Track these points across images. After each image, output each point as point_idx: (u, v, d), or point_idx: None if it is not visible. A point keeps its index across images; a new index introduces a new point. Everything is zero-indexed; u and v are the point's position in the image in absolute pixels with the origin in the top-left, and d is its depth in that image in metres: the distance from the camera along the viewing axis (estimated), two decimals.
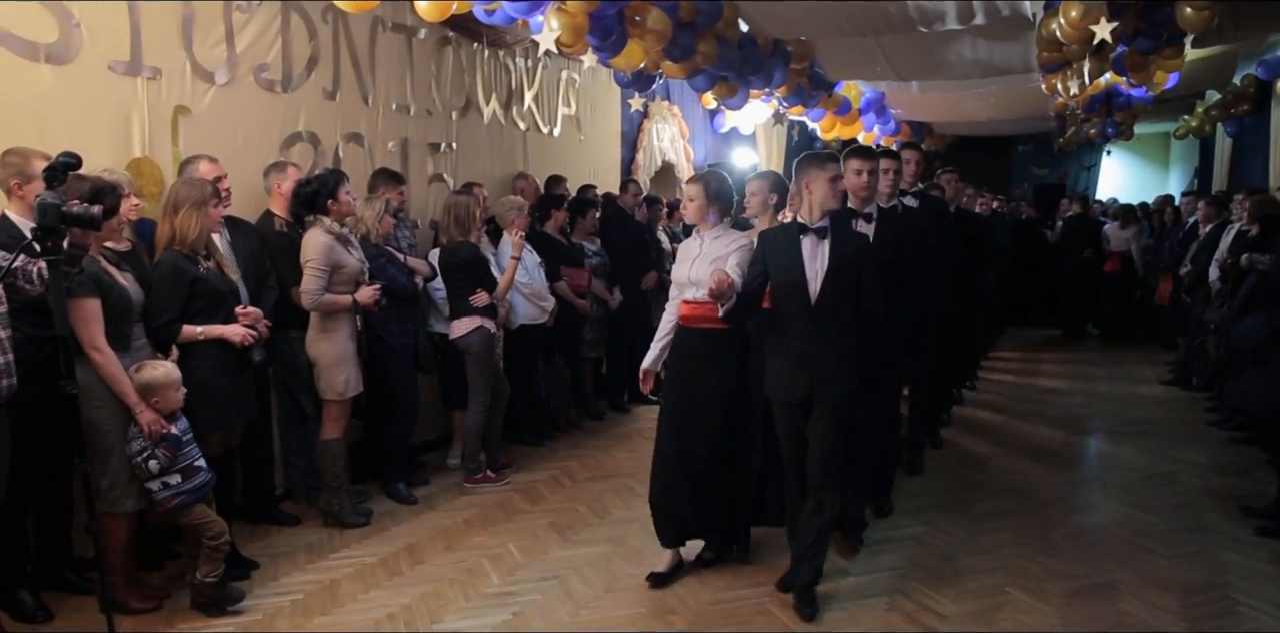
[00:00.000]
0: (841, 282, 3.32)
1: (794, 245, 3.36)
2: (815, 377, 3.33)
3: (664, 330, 3.80)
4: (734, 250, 3.55)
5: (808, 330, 3.33)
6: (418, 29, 5.47)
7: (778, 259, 3.39)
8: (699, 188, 3.66)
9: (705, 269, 3.49)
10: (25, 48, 3.49)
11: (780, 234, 3.45)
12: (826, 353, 3.33)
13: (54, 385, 2.74)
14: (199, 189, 3.49)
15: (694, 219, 3.70)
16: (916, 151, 4.95)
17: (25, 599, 3.27)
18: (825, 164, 3.41)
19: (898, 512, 4.45)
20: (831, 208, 3.40)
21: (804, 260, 3.33)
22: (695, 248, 3.68)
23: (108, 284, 3.17)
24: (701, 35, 5.36)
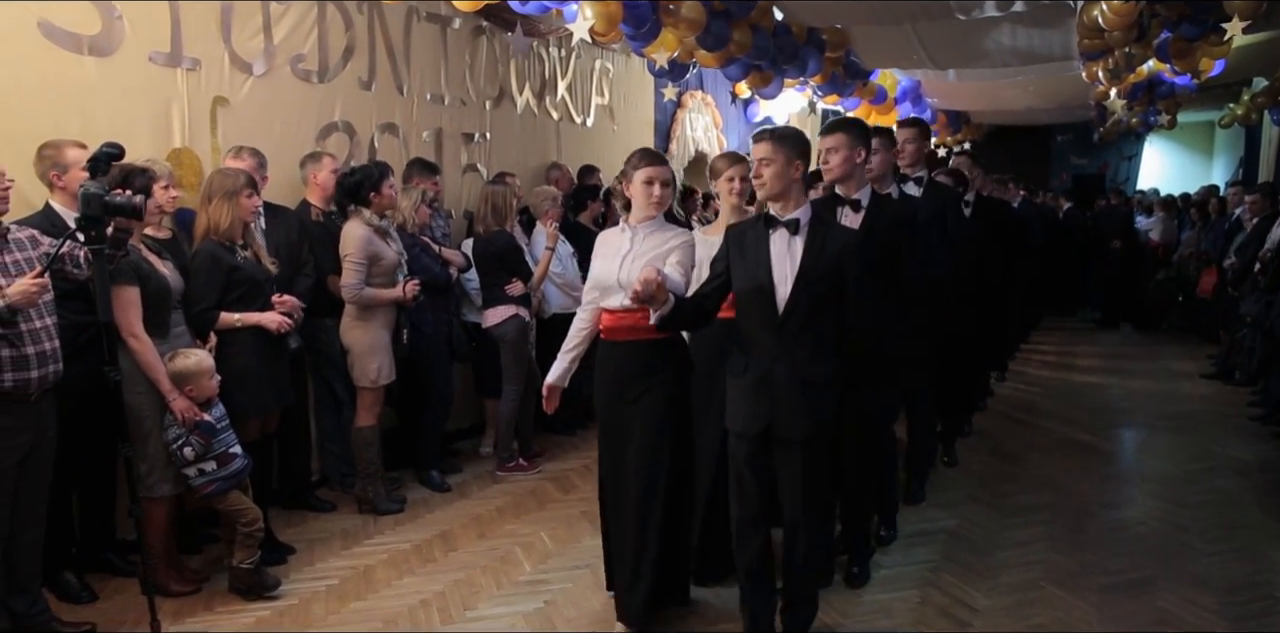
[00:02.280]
0: (815, 289, 2.72)
1: (762, 242, 2.79)
2: (776, 406, 2.75)
3: (574, 340, 3.21)
4: (674, 247, 3.01)
5: (772, 348, 2.75)
6: (452, 19, 5.48)
7: (742, 258, 2.82)
8: (669, 169, 3.13)
9: (639, 270, 2.81)
10: (69, 40, 3.54)
11: (748, 228, 2.88)
12: (792, 378, 2.73)
13: (94, 371, 2.80)
14: (231, 179, 3.52)
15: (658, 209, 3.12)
16: (915, 129, 4.30)
17: (70, 580, 3.35)
18: None
19: (930, 505, 4.42)
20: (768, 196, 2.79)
21: (771, 260, 2.76)
22: (623, 242, 3.07)
23: (147, 272, 3.22)
24: (735, 24, 5.33)
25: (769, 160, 2.75)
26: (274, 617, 3.28)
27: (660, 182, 3.04)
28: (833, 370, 2.77)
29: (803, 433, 2.75)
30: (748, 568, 2.93)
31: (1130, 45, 5.57)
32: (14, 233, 2.86)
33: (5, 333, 2.70)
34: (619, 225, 3.15)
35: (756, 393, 2.78)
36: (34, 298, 2.71)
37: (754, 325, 2.81)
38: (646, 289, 2.52)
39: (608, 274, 3.04)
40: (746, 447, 2.84)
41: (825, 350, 2.76)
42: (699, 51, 5.44)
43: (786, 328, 2.74)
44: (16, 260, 2.80)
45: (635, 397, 3.01)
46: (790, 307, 2.73)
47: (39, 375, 2.78)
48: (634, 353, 3.02)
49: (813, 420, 2.75)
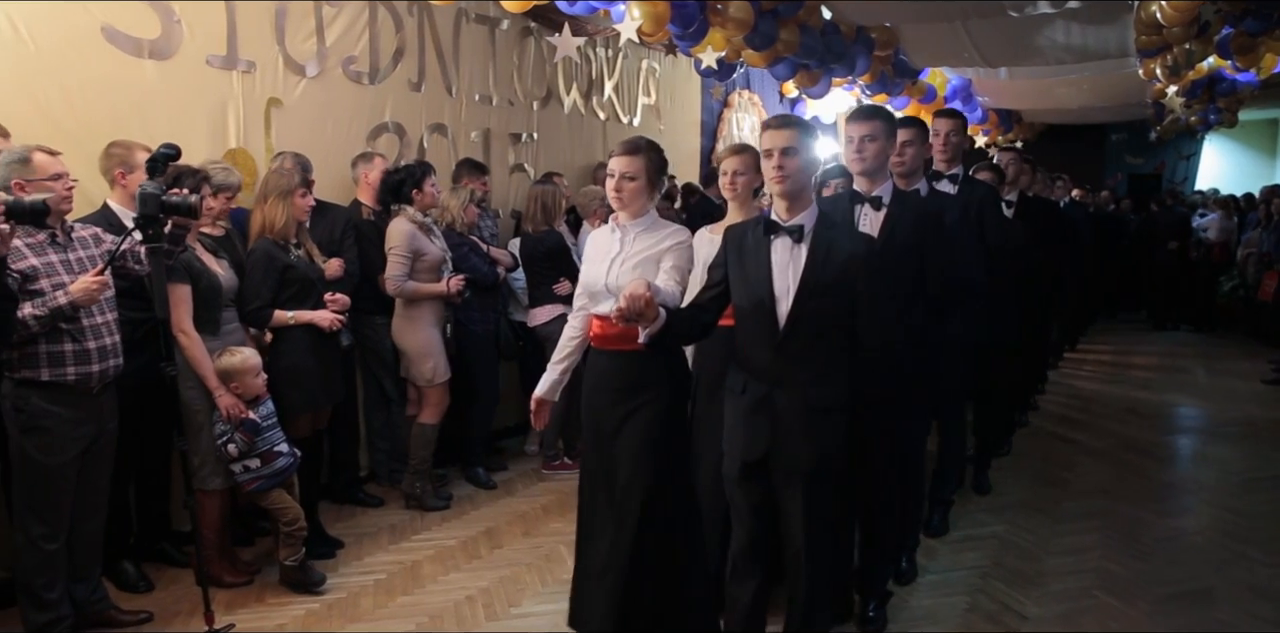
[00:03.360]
0: (820, 303, 2.42)
1: (762, 249, 2.49)
2: (776, 433, 2.46)
3: (565, 350, 2.93)
4: (668, 248, 2.69)
5: (772, 368, 2.46)
6: (500, 20, 5.53)
7: (743, 265, 2.52)
8: (641, 162, 2.70)
9: (630, 273, 2.66)
10: (130, 44, 3.63)
11: (749, 230, 2.56)
12: (795, 402, 2.44)
13: (150, 366, 2.87)
14: (286, 178, 3.59)
15: (628, 204, 2.74)
16: (952, 121, 3.85)
17: (128, 570, 3.44)
18: (761, 133, 2.50)
19: (979, 509, 4.35)
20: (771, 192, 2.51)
21: (773, 270, 2.46)
22: (612, 244, 2.78)
23: (198, 270, 3.30)
24: (783, 23, 5.30)
25: (795, 150, 2.43)
26: (323, 609, 3.33)
27: (620, 174, 2.69)
28: (841, 394, 2.46)
29: (805, 464, 2.44)
30: (740, 607, 2.62)
31: (1190, 41, 5.43)
32: (78, 231, 2.95)
33: (68, 328, 2.78)
34: (609, 224, 2.85)
35: (754, 417, 2.50)
36: (95, 295, 2.79)
37: (752, 342, 2.52)
38: (633, 306, 2.21)
39: (596, 278, 2.77)
40: (741, 475, 2.56)
41: (833, 372, 2.45)
42: (746, 51, 5.41)
43: (788, 346, 2.44)
44: (80, 258, 2.89)
45: (623, 415, 2.69)
46: (792, 323, 2.43)
47: (100, 369, 2.86)
48: (624, 366, 2.70)
49: (817, 450, 2.44)
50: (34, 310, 2.69)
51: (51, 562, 2.85)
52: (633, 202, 2.72)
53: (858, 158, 3.04)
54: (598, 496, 2.79)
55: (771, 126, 2.47)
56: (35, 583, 2.83)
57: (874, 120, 2.99)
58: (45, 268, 2.77)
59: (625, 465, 2.69)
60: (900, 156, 3.29)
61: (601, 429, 2.76)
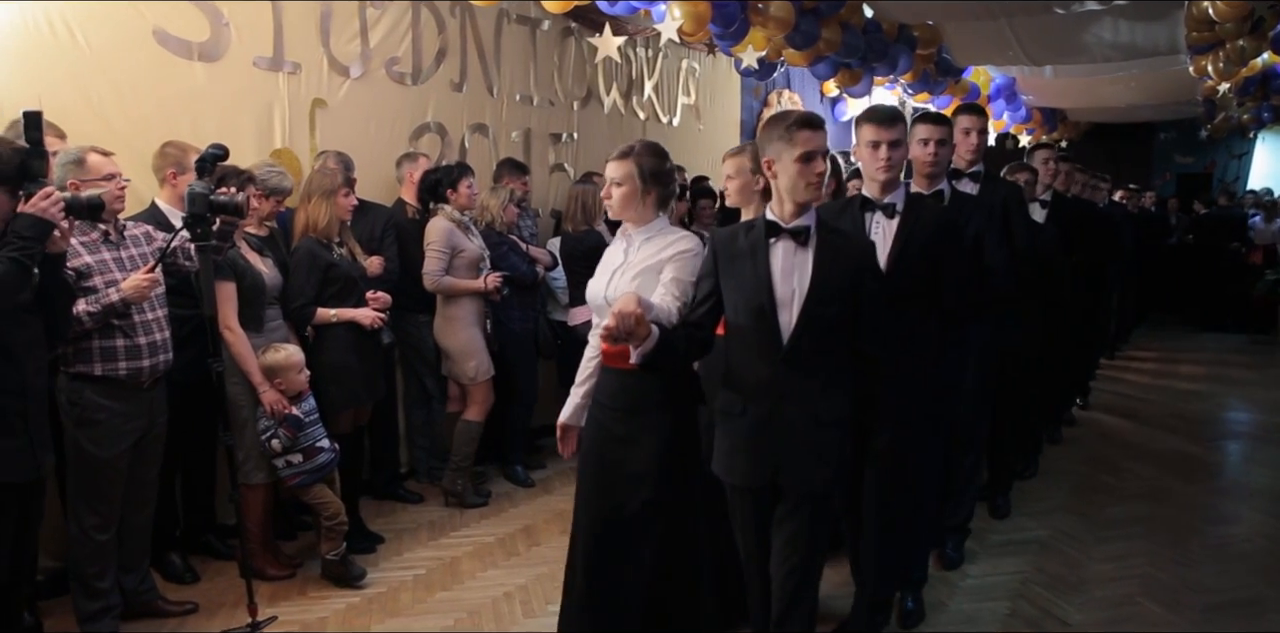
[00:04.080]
0: (828, 311, 2.28)
1: (760, 253, 2.32)
2: (783, 454, 2.31)
3: (585, 372, 2.71)
4: (671, 257, 2.49)
5: (776, 383, 2.29)
6: (541, 21, 5.56)
7: (736, 272, 2.34)
8: (628, 166, 2.52)
9: (629, 285, 2.47)
10: (181, 47, 3.71)
11: (740, 234, 2.39)
12: (803, 419, 2.29)
13: (196, 362, 2.93)
14: (330, 178, 3.64)
15: (620, 212, 2.57)
16: (977, 118, 3.66)
17: (175, 561, 3.52)
18: (796, 132, 2.29)
19: (1021, 515, 4.29)
20: (804, 199, 2.30)
21: (774, 276, 2.30)
22: (618, 254, 2.61)
23: (243, 268, 3.36)
24: (825, 21, 5.27)
25: (825, 152, 2.30)
26: (363, 603, 3.38)
27: (609, 179, 2.54)
28: (845, 405, 2.34)
29: (817, 484, 2.32)
30: None
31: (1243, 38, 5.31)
32: (129, 229, 3.02)
33: (120, 324, 2.85)
34: (616, 235, 2.69)
35: (759, 439, 2.33)
36: (146, 292, 2.85)
37: (750, 356, 2.34)
38: (622, 325, 2.05)
39: (597, 291, 2.59)
40: (751, 503, 2.41)
41: (836, 382, 2.33)
42: (787, 50, 5.39)
43: (792, 358, 2.28)
44: (132, 256, 2.95)
45: (622, 437, 2.51)
46: (798, 333, 2.27)
47: (150, 364, 2.93)
48: (627, 385, 2.50)
49: (826, 468, 2.32)
50: (88, 307, 2.76)
51: (103, 552, 2.92)
52: (624, 208, 2.54)
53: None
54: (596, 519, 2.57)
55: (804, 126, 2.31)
56: (87, 572, 2.90)
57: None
58: (99, 265, 2.84)
59: (630, 490, 2.50)
60: (934, 155, 3.13)
61: (604, 450, 2.57)
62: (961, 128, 3.56)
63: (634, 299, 2.12)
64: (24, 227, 2.33)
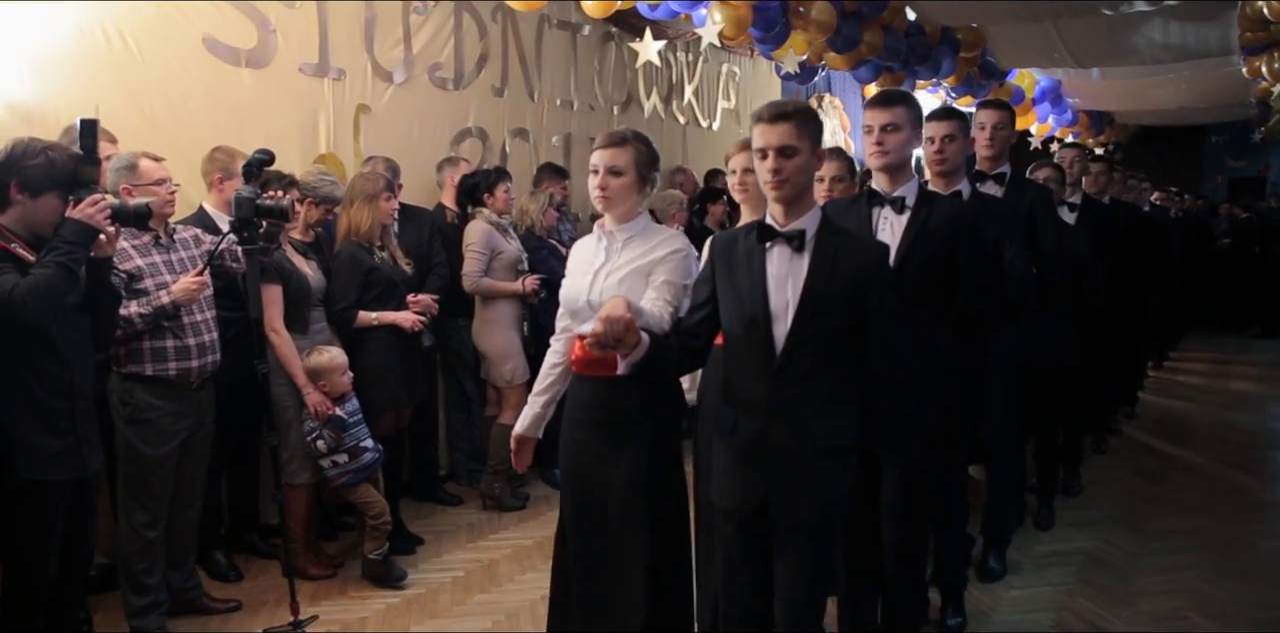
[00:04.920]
0: (825, 323, 2.06)
1: (756, 259, 2.13)
2: (771, 479, 2.11)
3: (547, 379, 2.57)
4: (660, 259, 2.32)
5: (767, 401, 2.10)
6: (582, 26, 5.59)
7: (733, 279, 2.16)
8: (628, 153, 2.35)
9: (616, 288, 2.30)
10: (229, 53, 3.78)
11: (740, 239, 2.18)
12: (795, 443, 2.08)
13: (241, 364, 2.98)
14: (372, 183, 3.68)
15: (614, 205, 2.37)
16: (998, 112, 3.39)
17: (219, 560, 3.57)
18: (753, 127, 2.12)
19: (1065, 525, 4.21)
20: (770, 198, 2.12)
21: (768, 284, 2.10)
22: (598, 253, 2.41)
23: (289, 271, 3.41)
24: (867, 25, 5.23)
25: (794, 149, 2.04)
26: (403, 604, 3.40)
27: (605, 168, 2.33)
28: (848, 431, 2.11)
29: (806, 515, 2.09)
30: None
31: None
32: (179, 233, 3.08)
33: (170, 325, 2.91)
34: (594, 231, 2.48)
35: (747, 460, 2.14)
36: (195, 295, 2.91)
37: (744, 370, 2.15)
38: (611, 331, 1.89)
39: (577, 294, 2.39)
40: (735, 528, 2.19)
41: (839, 404, 2.10)
42: (829, 53, 5.36)
43: (786, 375, 2.08)
44: (181, 259, 3.01)
45: (606, 451, 2.36)
46: (791, 346, 2.07)
47: (199, 365, 2.98)
48: (609, 396, 2.34)
49: (820, 499, 2.09)
50: (139, 309, 2.82)
51: (151, 549, 2.98)
52: (621, 200, 2.36)
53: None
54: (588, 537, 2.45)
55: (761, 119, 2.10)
56: (136, 568, 2.96)
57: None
58: (149, 268, 2.90)
59: (614, 509, 2.36)
60: (940, 153, 2.90)
61: (582, 466, 2.43)
62: (978, 124, 3.35)
63: (623, 303, 1.96)
64: (70, 232, 2.37)
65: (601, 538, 2.40)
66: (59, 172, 2.41)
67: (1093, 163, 4.91)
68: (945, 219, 2.54)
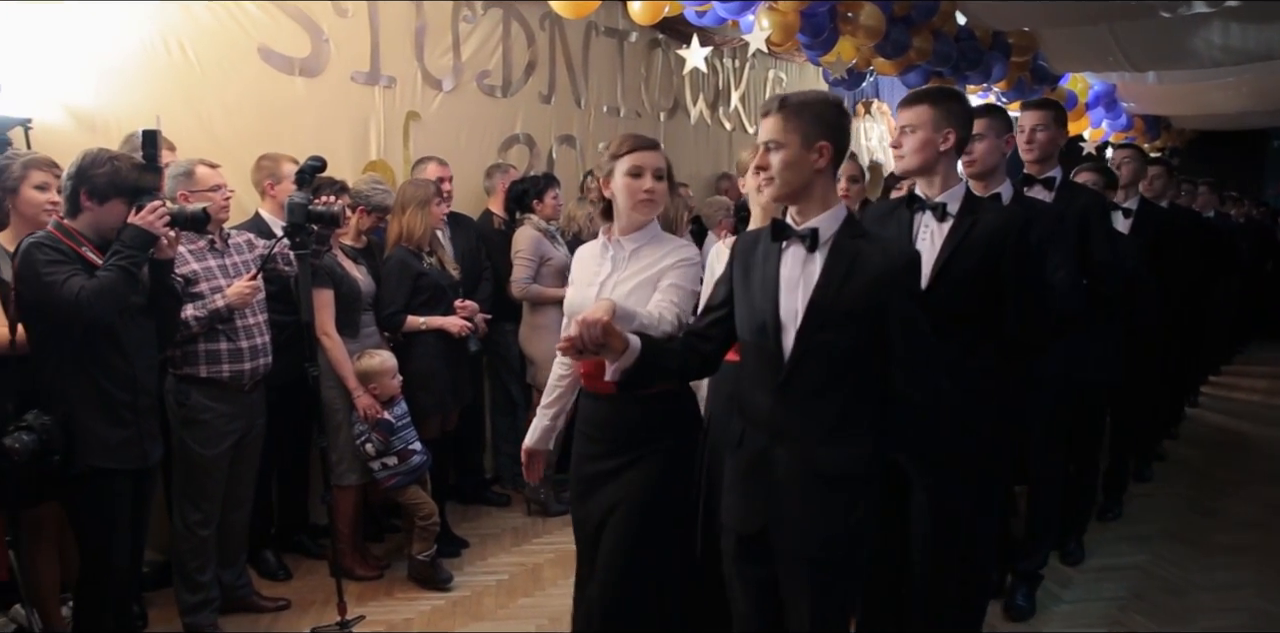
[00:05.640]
0: (835, 334, 1.86)
1: (771, 260, 1.95)
2: (773, 505, 1.92)
3: (554, 391, 2.51)
4: (670, 266, 2.24)
5: (772, 417, 1.92)
6: (629, 32, 5.61)
7: (749, 281, 1.99)
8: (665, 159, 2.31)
9: (624, 300, 2.16)
10: (283, 62, 3.86)
11: (763, 238, 2.00)
12: (798, 467, 1.89)
13: (293, 367, 3.03)
14: (423, 189, 3.73)
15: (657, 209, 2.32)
16: (1039, 113, 3.21)
17: (269, 559, 3.64)
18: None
19: (1119, 538, 4.12)
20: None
21: (780, 288, 1.92)
22: (604, 263, 2.33)
23: (340, 275, 3.46)
24: (916, 30, 5.18)
25: (777, 143, 1.89)
26: (448, 606, 3.43)
27: (652, 172, 2.25)
28: (860, 458, 1.88)
29: (808, 549, 1.89)
30: None
31: None
32: (233, 238, 3.15)
33: (224, 328, 2.98)
34: (599, 239, 2.39)
35: (750, 480, 1.96)
36: (249, 299, 2.98)
37: (753, 381, 1.98)
38: (588, 334, 1.74)
39: (582, 305, 2.25)
40: (736, 549, 2.03)
41: (850, 427, 1.88)
42: (877, 59, 5.32)
43: (792, 389, 1.88)
44: (235, 263, 3.08)
45: (613, 471, 2.25)
46: (795, 360, 1.88)
47: (251, 367, 3.05)
48: (620, 412, 2.23)
49: (824, 531, 1.88)
50: (195, 312, 2.90)
51: (204, 547, 3.04)
52: (662, 205, 2.31)
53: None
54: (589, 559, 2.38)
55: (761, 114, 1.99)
56: (189, 566, 3.02)
57: (915, 106, 2.38)
58: (205, 272, 2.97)
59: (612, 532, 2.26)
60: (969, 154, 2.68)
61: (589, 487, 2.33)
62: (1018, 127, 3.16)
63: (606, 306, 1.87)
64: (130, 237, 2.48)
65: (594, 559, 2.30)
66: (123, 179, 2.50)
67: (1150, 165, 4.67)
68: (991, 229, 2.31)
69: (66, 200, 2.52)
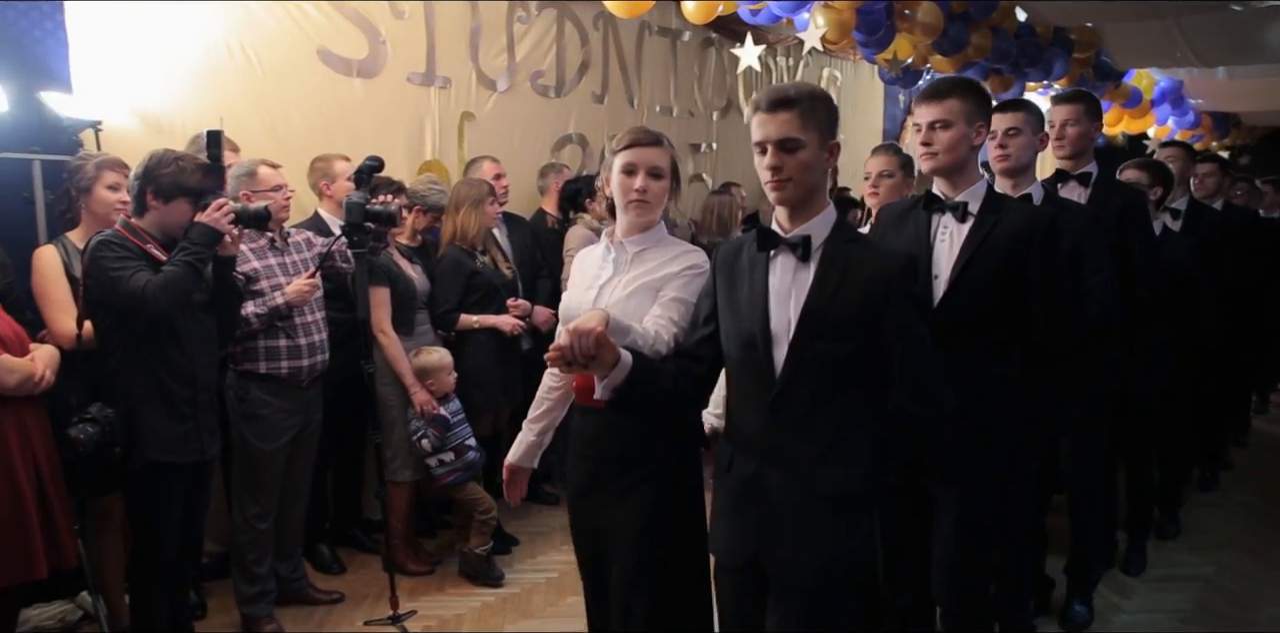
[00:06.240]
0: (834, 346, 1.73)
1: (759, 270, 1.83)
2: (766, 530, 1.80)
3: (543, 405, 2.34)
4: (675, 274, 2.08)
5: (765, 437, 1.80)
6: (682, 32, 5.60)
7: (734, 292, 1.87)
8: (668, 155, 2.12)
9: (624, 305, 2.04)
10: (341, 64, 3.92)
11: (746, 246, 1.88)
12: (791, 488, 1.77)
13: (350, 363, 3.09)
14: (476, 188, 3.77)
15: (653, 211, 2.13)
16: (1070, 106, 3.02)
17: (324, 552, 3.70)
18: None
19: (1183, 548, 4.00)
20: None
21: (769, 300, 1.79)
22: (605, 266, 2.16)
23: (396, 274, 3.51)
24: (974, 26, 5.10)
25: (796, 142, 1.74)
26: (498, 603, 3.46)
27: (646, 170, 2.07)
28: (858, 477, 1.76)
29: (804, 577, 1.77)
30: None
31: None
32: (292, 236, 3.21)
33: (283, 325, 3.03)
34: (601, 240, 2.23)
35: (740, 505, 1.83)
36: (307, 297, 3.04)
37: (741, 400, 1.86)
38: (580, 345, 1.62)
39: (579, 310, 2.07)
40: (731, 582, 1.90)
41: (848, 445, 1.75)
42: (934, 56, 5.24)
43: (784, 407, 1.76)
44: (294, 261, 3.14)
45: (616, 494, 2.10)
46: (790, 373, 1.75)
47: (309, 364, 3.10)
48: (610, 431, 2.08)
49: (820, 558, 1.75)
50: (255, 309, 2.96)
51: (262, 540, 3.10)
52: (658, 205, 2.12)
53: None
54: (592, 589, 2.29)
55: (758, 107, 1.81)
56: (247, 558, 3.09)
57: (946, 100, 2.21)
58: (265, 270, 3.03)
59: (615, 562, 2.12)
60: (1002, 149, 2.58)
61: (586, 508, 2.20)
62: (1049, 122, 2.97)
63: (599, 316, 1.72)
64: (197, 235, 2.54)
65: (602, 591, 2.17)
66: (188, 179, 2.57)
67: (1200, 163, 4.48)
68: (1013, 230, 2.16)
69: (133, 199, 2.60)
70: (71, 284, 2.74)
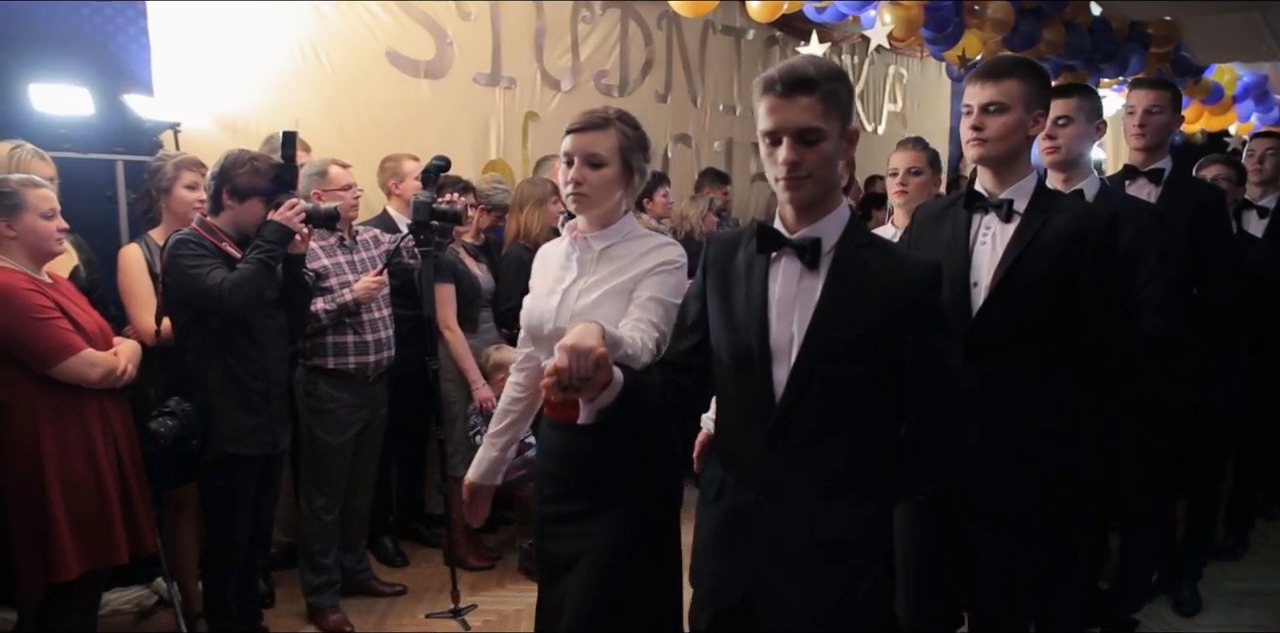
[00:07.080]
0: (841, 371, 1.51)
1: (757, 274, 1.59)
2: (758, 571, 1.58)
3: (506, 418, 2.11)
4: (648, 272, 1.84)
5: (763, 466, 1.57)
6: (746, 30, 5.58)
7: (727, 297, 1.63)
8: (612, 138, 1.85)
9: (592, 311, 1.81)
10: (409, 66, 3.99)
11: (742, 244, 1.65)
12: (789, 527, 1.55)
13: (414, 360, 3.13)
14: (540, 187, 3.80)
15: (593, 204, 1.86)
16: (1154, 92, 2.71)
17: (387, 545, 3.77)
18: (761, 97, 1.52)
19: (1262, 562, 3.85)
20: (783, 200, 1.57)
21: (770, 309, 1.56)
22: (568, 265, 1.92)
23: (461, 272, 3.56)
24: (1046, 22, 4.98)
25: (818, 132, 1.47)
26: None
27: (581, 157, 1.84)
28: (868, 519, 1.56)
29: (805, 624, 1.55)
30: None
31: None
32: (361, 234, 3.28)
33: (350, 322, 3.10)
34: (563, 237, 1.97)
35: (730, 541, 1.61)
36: (375, 294, 3.09)
37: (734, 421, 1.64)
38: (579, 367, 1.39)
39: (541, 316, 1.90)
40: (710, 621, 1.66)
41: (855, 481, 1.54)
42: (1004, 53, 5.13)
43: (785, 433, 1.54)
44: (362, 259, 3.21)
45: (574, 520, 1.89)
46: (793, 396, 1.52)
47: (375, 360, 3.16)
48: (580, 447, 1.87)
49: (818, 608, 1.54)
50: (324, 305, 3.02)
51: (328, 531, 3.17)
52: (601, 198, 1.85)
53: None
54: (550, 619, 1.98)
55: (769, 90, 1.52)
56: (313, 549, 3.16)
57: (1004, 81, 1.91)
58: (334, 268, 3.10)
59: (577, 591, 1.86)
60: (1051, 138, 2.34)
61: (549, 532, 1.96)
62: (1128, 108, 2.74)
63: (595, 332, 1.46)
64: (270, 232, 2.61)
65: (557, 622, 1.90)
66: (262, 179, 2.63)
67: None
68: (1064, 231, 1.88)
69: (210, 199, 2.68)
70: (154, 281, 2.83)
